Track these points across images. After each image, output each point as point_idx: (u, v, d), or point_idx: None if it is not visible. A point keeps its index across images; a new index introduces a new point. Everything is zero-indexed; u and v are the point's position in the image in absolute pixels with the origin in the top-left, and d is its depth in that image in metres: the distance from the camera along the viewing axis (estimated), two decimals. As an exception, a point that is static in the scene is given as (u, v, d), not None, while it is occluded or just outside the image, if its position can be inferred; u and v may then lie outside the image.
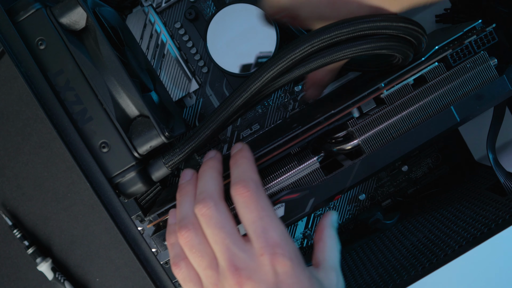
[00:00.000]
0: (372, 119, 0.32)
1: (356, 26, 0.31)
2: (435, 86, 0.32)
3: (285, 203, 0.32)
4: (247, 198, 0.29)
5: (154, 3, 0.45)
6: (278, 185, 0.33)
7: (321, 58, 0.32)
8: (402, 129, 0.32)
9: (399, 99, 0.32)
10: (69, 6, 0.33)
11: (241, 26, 0.42)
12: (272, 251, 0.28)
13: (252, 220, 0.28)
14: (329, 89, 0.45)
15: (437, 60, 0.32)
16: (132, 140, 0.33)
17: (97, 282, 0.52)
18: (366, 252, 0.42)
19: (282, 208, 0.32)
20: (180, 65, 0.45)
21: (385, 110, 0.32)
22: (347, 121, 0.32)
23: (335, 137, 0.34)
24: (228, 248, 0.28)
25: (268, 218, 0.29)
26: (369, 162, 0.32)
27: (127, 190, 0.33)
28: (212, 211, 0.29)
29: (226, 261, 0.28)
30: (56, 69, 0.32)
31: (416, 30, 0.32)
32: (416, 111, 0.32)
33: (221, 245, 0.28)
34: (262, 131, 0.45)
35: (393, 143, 0.32)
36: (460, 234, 0.35)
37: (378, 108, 0.32)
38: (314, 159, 0.32)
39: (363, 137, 0.32)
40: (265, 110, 0.46)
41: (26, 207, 0.51)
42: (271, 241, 0.28)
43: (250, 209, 0.29)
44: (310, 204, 0.32)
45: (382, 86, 0.32)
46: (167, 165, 0.34)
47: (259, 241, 0.28)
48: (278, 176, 0.33)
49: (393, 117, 0.32)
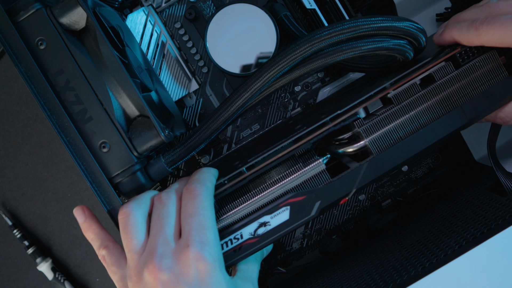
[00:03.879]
0: (379, 119, 0.31)
1: (357, 27, 0.31)
2: (443, 85, 0.31)
3: (290, 206, 0.31)
4: (194, 196, 0.30)
5: (154, 3, 0.45)
6: (283, 188, 0.32)
7: (321, 59, 0.32)
8: (411, 129, 0.31)
9: (407, 99, 0.31)
10: (69, 6, 0.33)
11: (241, 26, 0.42)
12: (200, 247, 0.28)
13: (191, 214, 0.29)
14: (330, 89, 0.45)
15: (445, 59, 0.31)
16: (132, 140, 0.33)
17: (97, 282, 0.52)
18: (366, 252, 0.42)
19: (287, 211, 0.31)
20: (180, 65, 0.45)
21: (393, 110, 0.31)
22: (353, 121, 0.31)
23: (340, 138, 0.33)
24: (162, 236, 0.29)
25: (206, 218, 0.29)
26: (376, 163, 0.31)
27: (127, 190, 0.33)
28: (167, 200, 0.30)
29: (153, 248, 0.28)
30: (56, 69, 0.32)
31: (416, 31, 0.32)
32: (424, 111, 0.31)
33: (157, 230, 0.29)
34: (262, 131, 0.45)
35: (402, 144, 0.31)
36: (460, 234, 0.35)
37: (385, 108, 0.31)
38: (320, 161, 0.31)
39: (370, 137, 0.31)
40: (265, 110, 0.46)
41: (26, 207, 0.52)
42: (202, 238, 0.28)
43: (192, 205, 0.30)
44: (316, 208, 0.31)
45: (388, 85, 0.31)
46: (167, 165, 0.34)
47: (191, 233, 0.29)
48: (282, 178, 0.32)
49: (401, 117, 0.31)
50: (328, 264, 0.45)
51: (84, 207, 0.34)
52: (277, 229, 0.31)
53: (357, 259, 0.42)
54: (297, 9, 0.45)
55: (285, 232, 0.31)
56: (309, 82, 0.46)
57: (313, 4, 0.44)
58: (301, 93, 0.46)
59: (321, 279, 0.42)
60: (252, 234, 0.31)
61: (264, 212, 0.31)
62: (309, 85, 0.46)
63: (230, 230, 0.32)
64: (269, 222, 0.31)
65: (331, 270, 0.43)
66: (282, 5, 0.44)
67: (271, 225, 0.31)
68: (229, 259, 0.32)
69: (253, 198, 0.32)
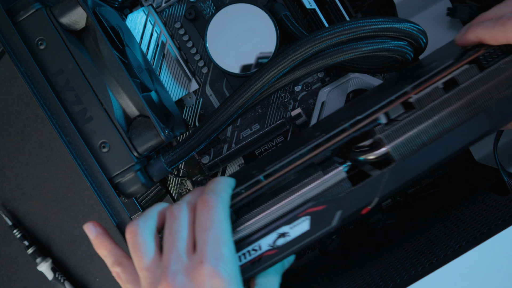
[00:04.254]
0: (401, 125, 0.30)
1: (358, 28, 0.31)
2: (467, 89, 0.30)
3: (310, 216, 0.30)
4: (209, 208, 0.28)
5: (154, 3, 0.45)
6: (302, 197, 0.30)
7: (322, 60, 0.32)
8: (434, 135, 0.30)
9: (429, 103, 0.30)
10: (69, 6, 0.33)
11: (241, 26, 0.42)
12: (215, 263, 0.27)
13: (205, 228, 0.28)
14: (330, 89, 0.45)
15: (468, 61, 0.30)
16: (132, 140, 0.33)
17: (97, 282, 0.52)
18: (366, 252, 0.42)
19: (307, 221, 0.30)
20: (180, 65, 0.45)
21: (415, 115, 0.30)
22: (374, 127, 0.30)
23: (360, 145, 0.32)
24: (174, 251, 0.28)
25: (222, 232, 0.28)
26: (399, 171, 0.30)
27: (127, 190, 0.33)
28: (178, 213, 0.29)
29: (166, 265, 0.27)
30: (56, 69, 0.32)
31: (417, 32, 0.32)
32: (448, 116, 0.30)
33: (169, 246, 0.28)
34: (262, 131, 0.45)
35: (425, 150, 0.30)
36: (460, 234, 0.35)
37: (407, 113, 0.30)
38: (340, 169, 0.30)
39: (392, 144, 0.30)
40: (265, 110, 0.46)
41: (26, 207, 0.51)
42: (217, 253, 0.27)
43: (207, 218, 0.28)
44: (338, 217, 0.30)
45: (410, 89, 0.30)
46: (167, 165, 0.34)
47: (205, 249, 0.27)
48: (302, 187, 0.30)
49: (424, 122, 0.30)
50: (328, 264, 0.45)
51: (95, 223, 0.33)
52: (297, 240, 0.30)
53: (357, 259, 0.42)
54: (297, 9, 0.45)
55: (306, 243, 0.30)
56: (309, 82, 0.46)
57: (313, 4, 0.44)
58: (301, 93, 0.46)
59: (321, 279, 0.42)
60: (271, 245, 0.30)
61: (283, 222, 0.30)
62: (309, 85, 0.46)
63: (248, 242, 0.30)
64: (289, 232, 0.30)
65: (331, 270, 0.43)
66: (282, 5, 0.44)
67: (290, 235, 0.30)
68: (247, 272, 0.30)
69: (271, 208, 0.30)
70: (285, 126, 0.44)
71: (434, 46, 0.40)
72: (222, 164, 0.44)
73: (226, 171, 0.46)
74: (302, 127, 0.46)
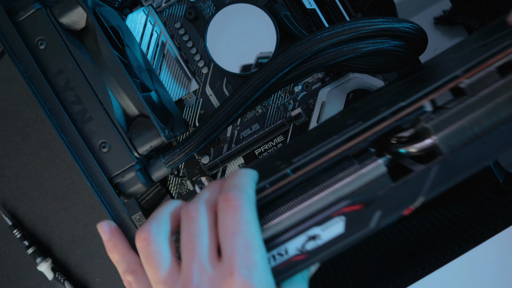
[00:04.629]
0: (452, 113, 0.26)
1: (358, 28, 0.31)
2: None
3: (345, 216, 0.26)
4: (235, 208, 0.24)
5: (154, 3, 0.45)
6: (335, 194, 0.26)
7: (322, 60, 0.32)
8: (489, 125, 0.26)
9: (483, 89, 0.26)
10: (69, 6, 0.33)
11: (241, 26, 0.42)
12: (247, 274, 0.22)
13: (232, 232, 0.23)
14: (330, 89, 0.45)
15: None
16: (132, 140, 0.33)
17: (97, 282, 0.52)
18: (366, 252, 0.42)
19: (341, 222, 0.26)
20: (180, 65, 0.45)
21: (467, 103, 0.26)
22: (419, 116, 0.26)
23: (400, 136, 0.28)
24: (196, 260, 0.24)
25: (251, 236, 0.23)
26: (448, 166, 0.26)
27: (127, 190, 0.33)
28: (196, 214, 0.25)
29: (187, 277, 0.24)
30: (56, 69, 0.32)
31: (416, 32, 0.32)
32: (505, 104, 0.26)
33: (189, 254, 0.24)
34: (262, 131, 0.45)
35: (478, 143, 0.26)
36: (460, 234, 0.35)
37: (457, 100, 0.26)
38: (380, 162, 0.26)
39: (440, 134, 0.26)
40: (265, 110, 0.46)
41: (26, 207, 0.52)
42: (249, 262, 0.23)
43: (233, 220, 0.24)
44: (377, 218, 0.26)
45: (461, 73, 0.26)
46: (167, 165, 0.34)
47: (234, 257, 0.23)
48: (335, 182, 0.26)
49: (477, 110, 0.26)
50: (327, 264, 0.45)
51: (110, 222, 0.29)
52: (330, 244, 0.26)
53: (356, 259, 0.42)
54: (297, 9, 0.45)
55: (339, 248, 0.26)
56: (309, 82, 0.46)
57: (313, 4, 0.44)
58: (301, 93, 0.46)
59: (320, 279, 0.42)
60: (300, 250, 0.26)
61: (314, 223, 0.26)
62: (309, 85, 0.46)
63: (273, 244, 0.26)
64: (320, 235, 0.26)
65: (330, 270, 0.43)
66: (282, 5, 0.44)
67: (322, 239, 0.26)
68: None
69: (300, 205, 0.26)
70: (285, 126, 0.44)
71: (434, 46, 0.40)
72: (222, 164, 0.44)
73: (226, 171, 0.46)
74: (302, 127, 0.46)
